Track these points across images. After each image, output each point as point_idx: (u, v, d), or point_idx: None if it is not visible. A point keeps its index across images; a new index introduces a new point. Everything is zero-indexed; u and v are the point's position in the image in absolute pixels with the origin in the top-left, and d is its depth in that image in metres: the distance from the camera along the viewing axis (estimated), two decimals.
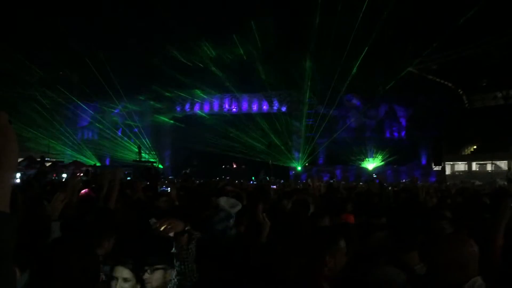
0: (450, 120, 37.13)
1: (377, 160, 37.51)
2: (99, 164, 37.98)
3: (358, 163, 37.71)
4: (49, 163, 27.26)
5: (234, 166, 38.33)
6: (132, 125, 40.45)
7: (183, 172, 27.15)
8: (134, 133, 40.32)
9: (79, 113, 41.83)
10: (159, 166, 38.07)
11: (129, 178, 23.81)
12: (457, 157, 38.91)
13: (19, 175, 22.92)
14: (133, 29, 33.19)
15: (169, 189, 7.78)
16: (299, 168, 38.35)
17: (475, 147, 38.61)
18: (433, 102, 36.66)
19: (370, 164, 37.65)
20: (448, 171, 38.25)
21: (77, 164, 29.80)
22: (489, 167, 37.11)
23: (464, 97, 39.43)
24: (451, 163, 38.84)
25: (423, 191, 7.53)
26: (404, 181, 27.90)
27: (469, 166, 38.09)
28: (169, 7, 31.87)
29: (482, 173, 34.97)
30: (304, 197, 6.66)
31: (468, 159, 38.57)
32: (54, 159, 30.87)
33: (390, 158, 36.32)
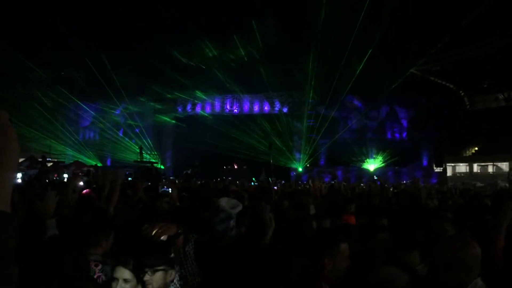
0: (452, 122, 37.10)
1: (378, 161, 37.48)
2: (100, 164, 37.99)
3: (359, 164, 37.69)
4: (50, 163, 27.29)
5: (235, 166, 38.32)
6: (133, 126, 40.43)
7: (184, 172, 27.21)
8: (136, 133, 40.30)
9: (80, 113, 41.82)
10: (161, 166, 38.07)
11: (130, 178, 23.85)
12: (458, 158, 38.91)
13: (20, 175, 23.00)
14: (134, 30, 33.16)
15: (170, 189, 7.76)
16: (300, 169, 38.31)
17: (476, 148, 38.61)
18: (434, 103, 36.65)
19: (371, 165, 37.61)
20: (449, 172, 38.26)
21: (78, 164, 29.85)
22: (490, 168, 37.10)
23: (465, 99, 39.43)
24: (453, 164, 38.85)
25: (424, 193, 7.52)
26: (405, 182, 27.88)
27: (471, 168, 38.10)
28: (170, 8, 31.85)
29: (483, 175, 34.99)
30: (304, 199, 6.65)
31: (470, 160, 38.58)
32: (55, 159, 30.85)
33: (391, 159, 36.28)
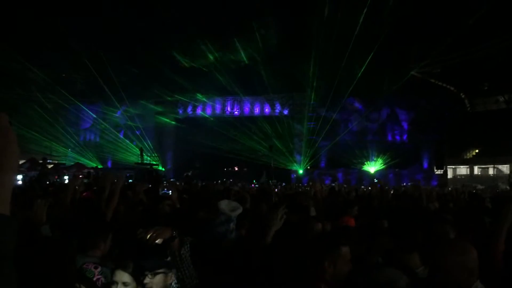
0: (452, 124, 37.07)
1: (378, 163, 37.44)
2: (101, 166, 37.99)
3: (360, 167, 37.66)
4: (51, 165, 27.31)
5: (236, 169, 38.30)
6: (134, 127, 40.44)
7: (185, 174, 27.19)
8: (136, 135, 40.29)
9: (81, 115, 41.82)
10: (161, 168, 38.06)
11: (130, 180, 23.84)
12: (459, 161, 38.87)
13: (21, 177, 23.02)
14: (134, 32, 33.17)
15: (170, 191, 7.76)
16: (300, 171, 38.29)
17: (477, 151, 38.58)
18: (435, 105, 36.64)
19: (371, 168, 37.58)
20: (450, 175, 38.23)
21: (79, 166, 29.87)
22: (491, 171, 37.07)
23: (466, 101, 39.42)
24: (453, 167, 38.82)
25: (425, 195, 7.51)
26: (405, 184, 27.87)
27: (471, 170, 38.08)
28: (170, 9, 31.86)
29: (484, 177, 34.95)
30: (304, 201, 6.64)
31: (470, 163, 38.56)
32: (56, 161, 30.86)
33: (392, 162, 36.24)
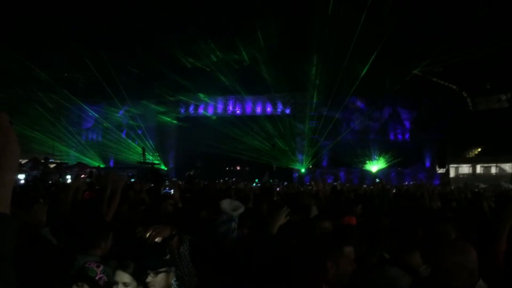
0: (455, 123, 36.99)
1: (381, 162, 37.38)
2: (103, 165, 38.05)
3: (362, 166, 37.61)
4: (53, 165, 27.37)
5: (238, 168, 38.31)
6: (136, 127, 40.46)
7: (187, 174, 27.17)
8: (138, 134, 40.32)
9: (83, 115, 41.87)
10: (163, 168, 38.09)
11: (132, 180, 23.84)
12: (461, 159, 38.79)
13: (23, 176, 23.08)
14: (136, 32, 33.18)
15: (172, 191, 7.76)
16: (302, 170, 38.28)
17: (479, 149, 38.48)
18: (437, 104, 36.56)
19: (374, 167, 37.52)
20: (452, 173, 38.13)
21: (81, 165, 29.93)
22: (493, 169, 36.98)
23: (468, 100, 39.29)
24: (456, 165, 38.72)
25: (428, 194, 7.50)
26: (407, 183, 27.80)
27: (474, 169, 37.97)
28: (170, 8, 31.88)
29: (486, 176, 34.85)
30: (306, 200, 6.63)
31: (473, 161, 38.46)
32: (58, 161, 30.92)
33: (394, 161, 36.19)
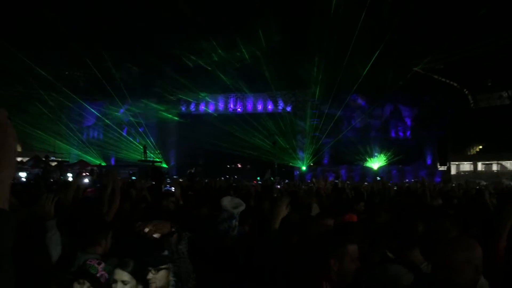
0: (456, 120, 36.97)
1: (382, 160, 37.36)
2: (104, 163, 38.08)
3: (363, 163, 37.59)
4: (55, 163, 27.38)
5: (239, 165, 38.30)
6: (137, 125, 40.46)
7: (188, 171, 27.16)
8: (139, 132, 40.32)
9: (84, 113, 41.87)
10: (164, 165, 38.08)
11: (134, 177, 23.86)
12: (462, 157, 38.77)
13: (25, 174, 23.11)
14: (136, 31, 33.10)
15: (173, 188, 7.76)
16: (303, 168, 38.26)
17: (480, 147, 38.48)
18: (438, 102, 36.52)
19: (375, 164, 37.51)
20: (453, 171, 38.11)
21: (82, 163, 29.93)
22: (494, 167, 36.96)
23: (469, 97, 39.24)
24: (457, 163, 38.69)
25: (429, 191, 7.49)
26: (408, 181, 27.78)
27: (475, 166, 37.96)
28: (171, 7, 31.82)
29: (487, 173, 34.81)
30: (307, 198, 6.62)
31: (474, 159, 38.44)
32: (59, 159, 30.94)
33: (395, 158, 36.16)
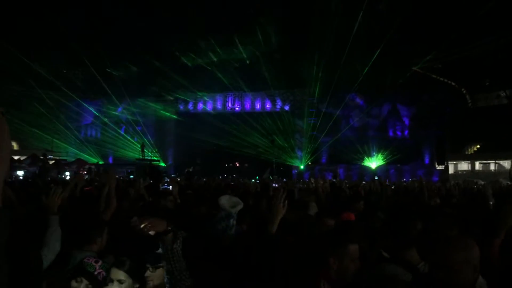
0: (454, 119, 37.00)
1: (380, 159, 37.41)
2: (102, 162, 38.05)
3: (361, 162, 37.64)
4: (52, 161, 27.36)
5: (237, 164, 38.30)
6: (135, 123, 40.42)
7: (186, 170, 27.13)
8: (137, 131, 40.30)
9: (82, 112, 41.81)
10: (162, 164, 38.07)
11: (131, 176, 23.84)
12: (460, 156, 38.80)
13: (22, 172, 23.09)
14: (135, 31, 33.05)
15: (170, 187, 7.74)
16: (302, 167, 38.29)
17: (478, 146, 38.49)
18: (436, 101, 36.55)
19: (373, 163, 37.56)
20: (451, 170, 38.15)
21: (80, 162, 29.92)
22: (492, 166, 37.00)
23: (467, 96, 39.27)
24: (454, 162, 38.74)
25: (427, 191, 7.48)
26: (405, 180, 27.83)
27: (473, 166, 37.99)
28: (171, 8, 31.79)
29: (485, 173, 34.84)
30: (305, 197, 6.61)
31: (472, 158, 38.47)
32: (57, 157, 30.90)
33: (393, 157, 36.24)
